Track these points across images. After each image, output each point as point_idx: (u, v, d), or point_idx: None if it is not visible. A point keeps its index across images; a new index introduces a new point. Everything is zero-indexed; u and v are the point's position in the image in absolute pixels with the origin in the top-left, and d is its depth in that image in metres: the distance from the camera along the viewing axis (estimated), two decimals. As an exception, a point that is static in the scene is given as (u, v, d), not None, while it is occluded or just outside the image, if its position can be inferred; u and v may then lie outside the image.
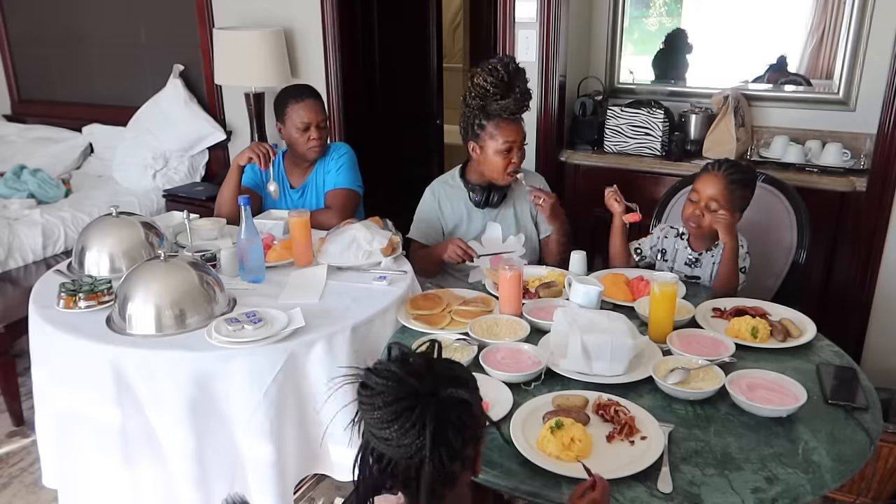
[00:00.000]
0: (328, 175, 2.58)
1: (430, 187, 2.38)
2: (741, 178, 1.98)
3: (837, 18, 2.73)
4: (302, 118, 2.48)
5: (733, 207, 1.97)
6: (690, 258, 2.11)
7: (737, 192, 1.96)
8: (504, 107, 2.16)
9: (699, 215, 2.00)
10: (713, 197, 1.96)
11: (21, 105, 4.59)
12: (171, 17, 3.76)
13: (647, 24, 3.17)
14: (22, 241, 3.11)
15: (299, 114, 2.48)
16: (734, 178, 1.96)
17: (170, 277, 1.75)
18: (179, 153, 3.75)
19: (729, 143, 2.75)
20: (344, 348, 1.73)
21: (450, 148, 4.60)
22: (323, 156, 2.60)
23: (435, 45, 4.12)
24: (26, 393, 2.65)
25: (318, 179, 2.60)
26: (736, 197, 1.96)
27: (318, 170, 2.61)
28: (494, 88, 2.14)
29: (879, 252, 2.46)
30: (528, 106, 2.23)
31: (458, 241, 2.18)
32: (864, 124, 2.66)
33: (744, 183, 1.98)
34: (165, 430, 1.67)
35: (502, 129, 2.18)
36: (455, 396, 0.95)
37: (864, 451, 1.31)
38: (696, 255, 2.10)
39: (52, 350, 1.78)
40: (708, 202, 1.97)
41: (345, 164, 2.58)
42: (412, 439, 0.91)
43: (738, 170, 2.00)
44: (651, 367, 1.52)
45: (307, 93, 2.54)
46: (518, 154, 2.22)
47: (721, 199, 1.95)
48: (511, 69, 2.16)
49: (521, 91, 2.18)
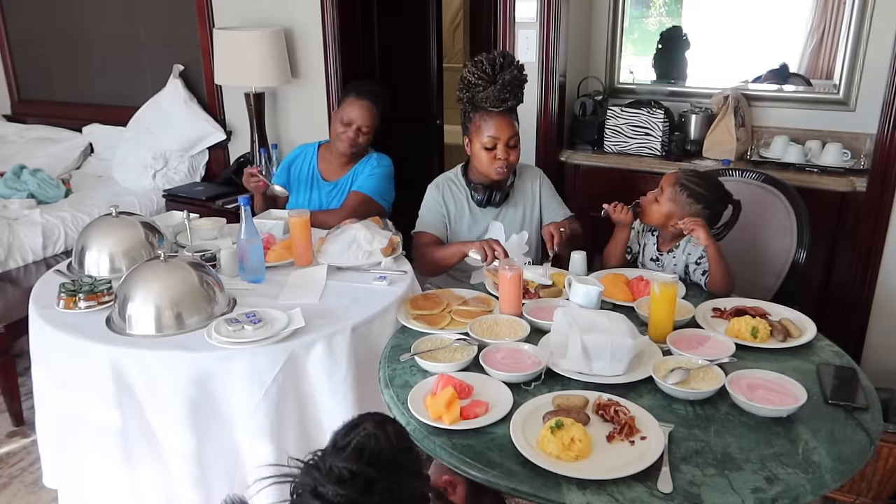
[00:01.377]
0: (359, 178, 2.61)
1: (434, 183, 2.36)
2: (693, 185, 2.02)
3: (837, 18, 2.73)
4: (349, 114, 2.53)
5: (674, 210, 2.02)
6: (654, 256, 2.16)
7: (682, 195, 2.02)
8: (486, 97, 2.13)
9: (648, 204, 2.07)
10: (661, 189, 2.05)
11: (21, 105, 4.59)
12: (171, 17, 3.76)
13: (647, 24, 3.17)
14: (22, 241, 3.11)
15: (351, 108, 2.53)
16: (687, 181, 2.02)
17: (170, 277, 1.75)
18: (179, 153, 3.75)
19: (729, 143, 2.76)
20: (344, 348, 1.73)
21: (450, 148, 4.60)
22: (363, 158, 2.63)
23: (435, 45, 4.12)
24: (26, 393, 2.65)
25: (353, 180, 2.63)
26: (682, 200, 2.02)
27: (356, 171, 2.64)
28: (478, 80, 2.13)
29: (879, 252, 2.46)
30: (514, 97, 2.16)
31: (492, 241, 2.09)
32: (864, 124, 2.66)
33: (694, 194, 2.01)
34: (165, 430, 1.67)
35: (486, 122, 2.16)
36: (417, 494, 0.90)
37: (864, 451, 1.31)
38: (658, 255, 2.14)
39: (52, 350, 1.78)
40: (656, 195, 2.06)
41: (378, 174, 2.60)
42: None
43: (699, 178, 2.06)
44: (651, 367, 1.52)
45: (369, 93, 2.56)
46: (504, 150, 2.17)
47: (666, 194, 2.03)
48: (497, 61, 2.14)
49: (503, 82, 2.12)
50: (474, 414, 1.39)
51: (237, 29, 3.33)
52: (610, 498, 1.19)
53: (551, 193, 2.37)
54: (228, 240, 2.22)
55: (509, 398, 1.44)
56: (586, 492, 1.20)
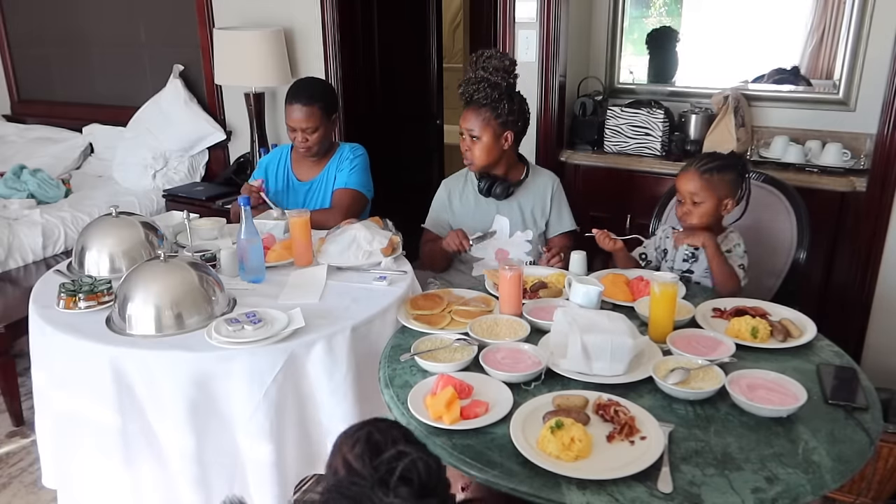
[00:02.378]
0: (340, 173, 2.58)
1: (445, 181, 2.44)
2: (715, 165, 2.00)
3: (837, 18, 2.73)
4: (289, 119, 2.50)
5: (719, 195, 1.99)
6: (687, 253, 2.13)
7: (714, 178, 1.98)
8: (462, 93, 2.23)
9: (688, 212, 2.03)
10: (692, 192, 2.00)
11: (21, 105, 4.59)
12: (171, 17, 3.76)
13: (647, 24, 3.17)
14: (22, 241, 3.11)
15: (289, 114, 2.49)
16: (707, 167, 1.99)
17: (170, 277, 1.75)
18: (179, 153, 3.75)
19: (729, 143, 2.75)
20: (344, 348, 1.73)
21: (450, 148, 4.59)
22: (335, 153, 2.60)
23: (435, 45, 4.12)
24: (26, 393, 2.65)
25: (329, 176, 2.60)
26: (715, 184, 1.98)
27: (331, 167, 2.60)
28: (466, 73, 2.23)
29: (879, 252, 2.46)
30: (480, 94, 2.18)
31: (458, 231, 2.19)
32: (864, 124, 2.66)
33: (719, 168, 2.00)
34: (165, 430, 1.67)
35: (462, 115, 2.25)
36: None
37: (864, 451, 1.31)
38: (691, 250, 2.12)
39: (52, 350, 1.78)
40: (691, 198, 2.01)
41: (358, 166, 2.58)
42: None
43: (712, 158, 2.04)
44: (651, 367, 1.51)
45: (302, 97, 2.48)
46: (468, 142, 2.23)
47: (700, 192, 1.99)
48: (479, 60, 2.20)
49: (472, 78, 2.20)
50: (474, 414, 1.39)
51: (237, 29, 3.33)
52: (610, 498, 1.19)
53: (562, 202, 2.39)
54: (228, 240, 2.22)
55: (509, 398, 1.44)
56: (586, 492, 1.20)
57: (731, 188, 2.01)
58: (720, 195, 2.00)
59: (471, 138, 2.23)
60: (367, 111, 3.65)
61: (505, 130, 2.22)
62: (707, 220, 2.02)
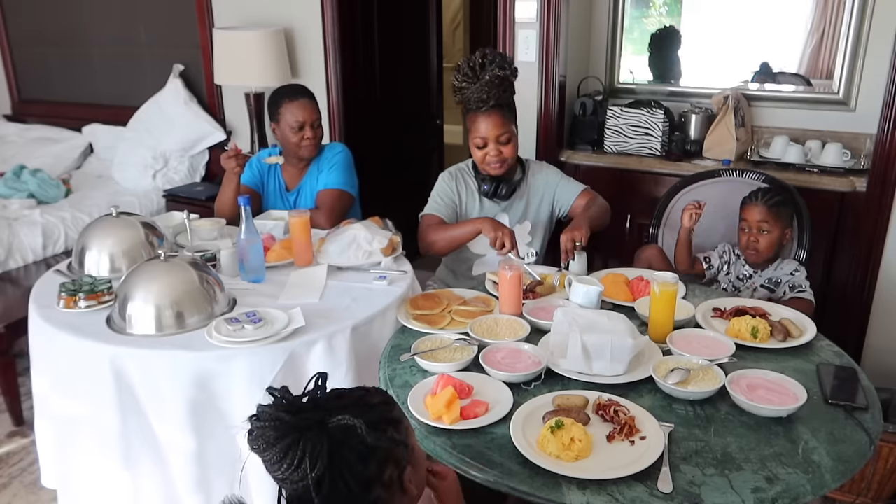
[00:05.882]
0: (321, 175, 2.57)
1: (447, 171, 2.37)
2: (781, 199, 2.20)
3: (837, 18, 2.73)
4: (296, 117, 2.47)
5: (783, 225, 2.19)
6: (743, 274, 2.25)
7: (782, 211, 2.18)
8: (469, 97, 2.15)
9: (755, 241, 2.18)
10: (762, 220, 2.16)
11: (21, 105, 4.59)
12: (171, 17, 3.76)
13: (647, 24, 3.17)
14: (22, 241, 3.11)
15: (293, 113, 2.47)
16: (774, 201, 2.17)
17: (170, 277, 1.75)
18: (179, 153, 3.75)
19: (729, 143, 2.76)
20: (344, 348, 1.73)
21: (450, 148, 4.60)
22: (317, 155, 2.59)
23: (435, 45, 4.13)
24: (26, 393, 2.65)
25: (312, 180, 2.59)
26: (781, 216, 2.18)
27: (313, 170, 2.59)
28: (462, 83, 2.14)
29: (879, 252, 2.46)
30: (496, 96, 2.12)
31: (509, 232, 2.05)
32: (864, 124, 2.66)
33: (784, 202, 2.20)
34: (165, 429, 1.67)
35: (474, 122, 2.17)
36: (344, 423, 0.92)
37: (864, 451, 1.31)
38: (751, 272, 2.24)
39: (52, 350, 1.78)
40: (759, 226, 2.17)
41: (337, 164, 2.55)
42: (303, 474, 0.88)
43: (775, 192, 2.22)
44: (651, 367, 1.52)
45: (301, 92, 2.53)
46: (495, 147, 2.17)
47: (770, 221, 2.16)
48: (478, 61, 2.13)
49: (483, 82, 2.10)
50: (474, 414, 1.39)
51: (237, 29, 3.33)
52: (610, 498, 1.19)
53: (559, 176, 2.36)
54: (228, 240, 2.22)
55: (509, 398, 1.44)
56: (586, 492, 1.20)
57: (790, 220, 2.25)
58: (783, 225, 2.18)
59: (504, 142, 2.17)
60: (366, 111, 3.65)
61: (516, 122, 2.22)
62: (773, 249, 2.19)
